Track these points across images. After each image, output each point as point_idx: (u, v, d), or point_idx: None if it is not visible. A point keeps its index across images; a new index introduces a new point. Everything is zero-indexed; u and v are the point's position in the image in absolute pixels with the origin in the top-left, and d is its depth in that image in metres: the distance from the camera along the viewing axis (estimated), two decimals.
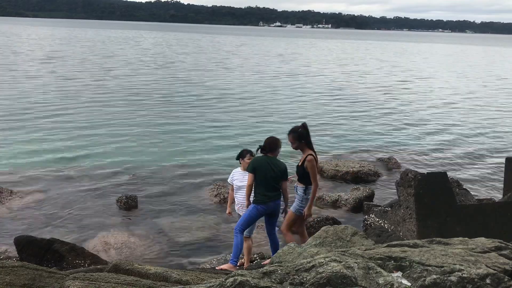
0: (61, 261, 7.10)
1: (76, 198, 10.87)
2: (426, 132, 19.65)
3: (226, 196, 10.99)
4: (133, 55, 53.56)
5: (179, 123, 19.27)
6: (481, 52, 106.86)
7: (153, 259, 8.14)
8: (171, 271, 4.19)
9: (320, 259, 2.60)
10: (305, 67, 48.47)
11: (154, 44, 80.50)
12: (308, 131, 6.52)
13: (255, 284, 2.36)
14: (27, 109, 20.55)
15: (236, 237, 6.65)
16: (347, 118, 21.87)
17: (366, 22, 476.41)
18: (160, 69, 40.10)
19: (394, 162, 14.53)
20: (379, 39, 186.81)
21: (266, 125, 19.63)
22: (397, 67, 53.97)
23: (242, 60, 53.79)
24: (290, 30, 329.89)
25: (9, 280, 3.69)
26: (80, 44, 70.08)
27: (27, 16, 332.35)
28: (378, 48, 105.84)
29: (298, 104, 25.13)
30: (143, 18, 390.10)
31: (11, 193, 10.67)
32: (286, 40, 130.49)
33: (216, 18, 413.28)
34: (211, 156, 14.87)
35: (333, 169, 12.97)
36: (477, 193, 11.98)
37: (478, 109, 26.51)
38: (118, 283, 3.57)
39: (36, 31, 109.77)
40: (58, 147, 14.93)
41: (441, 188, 6.89)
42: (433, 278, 2.41)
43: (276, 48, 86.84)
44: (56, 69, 35.83)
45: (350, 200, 10.86)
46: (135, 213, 10.24)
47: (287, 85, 32.82)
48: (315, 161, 6.41)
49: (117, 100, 23.89)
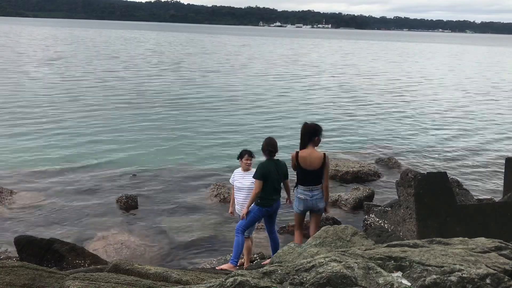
0: (61, 261, 7.10)
1: (76, 198, 10.88)
2: (426, 132, 19.65)
3: (226, 196, 11.01)
4: (136, 56, 53.56)
5: (179, 124, 19.27)
6: (487, 52, 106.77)
7: (153, 259, 8.14)
8: (171, 271, 4.19)
9: (320, 259, 2.60)
10: (312, 67, 48.47)
11: (158, 45, 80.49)
12: (303, 131, 6.46)
13: (255, 284, 2.36)
14: (28, 109, 20.55)
15: (237, 237, 6.65)
16: (347, 118, 21.87)
17: (366, 22, 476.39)
18: (163, 70, 40.11)
19: (394, 162, 14.53)
20: (380, 39, 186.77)
21: (266, 125, 19.64)
22: (399, 67, 53.99)
23: (244, 61, 53.77)
24: (290, 30, 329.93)
25: (9, 280, 3.69)
26: (85, 44, 70.02)
27: (27, 16, 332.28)
28: (377, 48, 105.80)
29: (298, 104, 25.12)
30: (143, 18, 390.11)
31: (11, 193, 10.68)
32: (290, 40, 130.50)
33: (216, 18, 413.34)
34: (211, 156, 14.87)
35: (333, 169, 12.96)
36: (477, 193, 11.99)
37: (478, 109, 26.51)
38: (118, 283, 3.57)
39: (38, 32, 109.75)
40: (58, 147, 14.93)
41: (441, 188, 6.89)
42: (433, 278, 2.41)
43: (278, 48, 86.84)
44: (58, 70, 35.86)
45: (350, 200, 10.86)
46: (135, 213, 10.24)
47: (291, 86, 32.81)
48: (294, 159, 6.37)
49: (117, 100, 23.88)
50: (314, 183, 6.38)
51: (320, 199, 6.42)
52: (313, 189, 6.37)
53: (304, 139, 6.43)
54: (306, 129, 6.44)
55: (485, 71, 53.20)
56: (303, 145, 6.44)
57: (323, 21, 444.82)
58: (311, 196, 6.37)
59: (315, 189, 6.38)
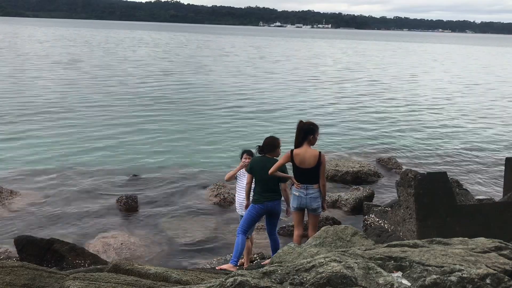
0: (61, 261, 7.10)
1: (76, 198, 10.87)
2: (426, 132, 19.64)
3: (226, 196, 11.02)
4: (141, 57, 53.53)
5: (180, 124, 19.27)
6: (493, 52, 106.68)
7: (153, 259, 8.14)
8: (171, 271, 4.19)
9: (320, 259, 2.60)
10: (313, 67, 48.49)
11: (162, 45, 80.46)
12: (298, 129, 6.45)
13: (255, 284, 2.36)
14: (28, 109, 20.55)
15: (238, 237, 6.65)
16: (347, 118, 21.86)
17: (366, 22, 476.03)
18: (165, 71, 40.10)
19: (394, 162, 14.52)
20: (380, 39, 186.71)
21: (265, 125, 19.63)
22: (398, 66, 53.98)
23: (242, 61, 53.77)
24: (290, 30, 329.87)
25: (9, 280, 3.69)
26: (92, 46, 69.89)
27: (27, 16, 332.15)
28: (378, 47, 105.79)
29: (299, 104, 25.12)
30: (143, 18, 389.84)
31: (11, 193, 10.67)
32: (295, 41, 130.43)
33: (216, 18, 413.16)
34: (212, 157, 14.87)
35: (333, 169, 12.96)
36: (477, 193, 11.98)
37: (478, 109, 26.51)
38: (118, 283, 3.57)
39: (40, 32, 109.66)
40: (58, 147, 14.92)
41: (441, 188, 6.88)
42: (433, 278, 2.41)
43: (276, 48, 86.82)
44: (60, 71, 35.85)
45: (350, 200, 10.86)
46: (135, 213, 10.24)
47: (291, 87, 32.82)
48: (291, 157, 6.36)
49: (117, 101, 23.89)
50: (309, 182, 6.36)
51: (315, 198, 6.39)
52: (308, 187, 6.36)
53: (299, 137, 6.43)
54: (302, 127, 6.44)
55: (486, 71, 53.20)
56: (298, 143, 6.44)
57: (323, 21, 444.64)
58: (305, 194, 6.36)
59: (310, 188, 6.36)
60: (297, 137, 6.45)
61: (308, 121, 6.55)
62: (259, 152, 6.66)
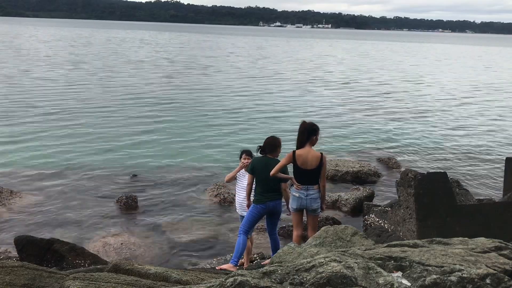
0: (61, 261, 7.10)
1: (76, 198, 10.88)
2: (426, 132, 19.64)
3: (226, 196, 11.02)
4: (142, 57, 53.55)
5: (180, 124, 19.27)
6: (495, 52, 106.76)
7: (153, 259, 8.14)
8: (171, 271, 4.19)
9: (320, 259, 2.60)
10: (312, 66, 48.49)
11: (163, 45, 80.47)
12: (301, 130, 6.44)
13: (255, 284, 2.36)
14: (28, 109, 20.55)
15: (239, 238, 6.64)
16: (347, 118, 21.86)
17: (366, 22, 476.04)
18: (165, 71, 40.11)
19: (394, 162, 14.53)
20: (381, 39, 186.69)
21: (266, 125, 19.63)
22: (398, 65, 53.98)
23: (244, 62, 53.78)
24: (290, 30, 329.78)
25: (9, 280, 3.69)
26: (93, 46, 69.86)
27: (27, 16, 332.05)
28: (377, 48, 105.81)
29: (299, 104, 25.13)
30: (143, 18, 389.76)
31: (11, 193, 10.67)
32: (295, 41, 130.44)
33: (216, 18, 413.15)
34: (212, 157, 14.87)
35: (333, 169, 12.96)
36: (477, 193, 11.98)
37: (479, 109, 26.51)
38: (118, 283, 3.57)
39: (43, 32, 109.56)
40: (59, 148, 14.92)
41: (441, 188, 6.88)
42: (433, 278, 2.41)
43: (277, 48, 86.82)
44: (62, 71, 35.86)
45: (350, 200, 10.86)
46: (135, 213, 10.24)
47: (291, 87, 32.82)
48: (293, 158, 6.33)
49: (117, 101, 23.89)
50: (310, 183, 6.33)
51: (315, 199, 6.37)
52: (308, 188, 6.34)
53: (302, 138, 6.40)
54: (305, 128, 6.41)
55: (487, 71, 53.19)
56: (300, 144, 6.42)
57: (323, 21, 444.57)
58: (305, 195, 6.33)
59: (310, 189, 6.34)
60: (300, 137, 6.41)
61: (311, 122, 6.54)
62: (260, 152, 6.62)
